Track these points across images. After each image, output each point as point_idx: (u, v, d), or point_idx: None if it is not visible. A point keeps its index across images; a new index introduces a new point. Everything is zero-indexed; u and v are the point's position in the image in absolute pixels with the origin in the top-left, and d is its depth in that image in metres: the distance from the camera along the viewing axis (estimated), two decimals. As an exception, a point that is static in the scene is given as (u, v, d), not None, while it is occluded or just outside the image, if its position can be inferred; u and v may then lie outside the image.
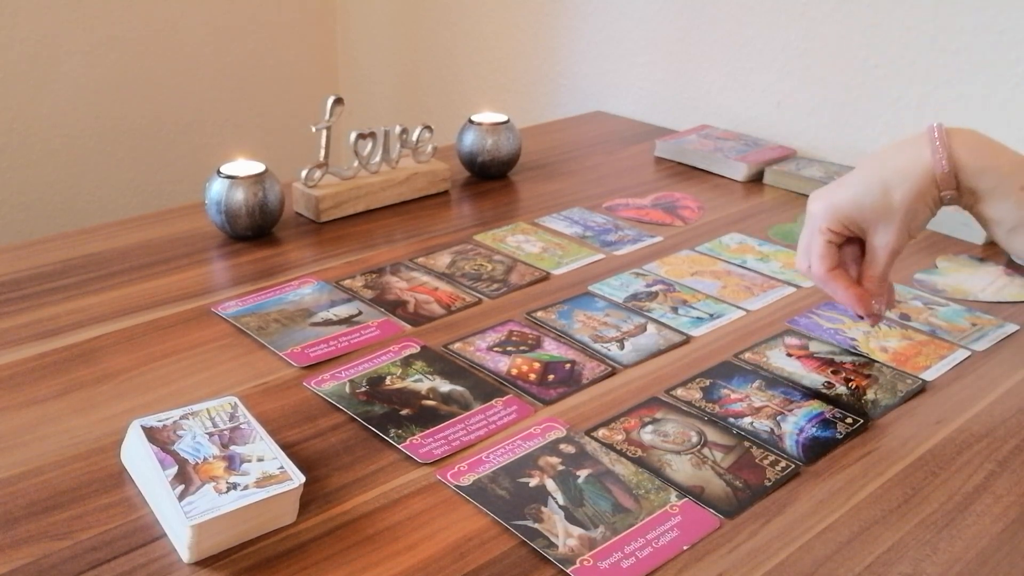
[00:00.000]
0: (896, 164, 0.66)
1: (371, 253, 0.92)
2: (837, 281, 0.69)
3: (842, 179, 0.69)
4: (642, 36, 1.41)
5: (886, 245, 0.67)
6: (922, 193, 0.65)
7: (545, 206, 1.05)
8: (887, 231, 0.67)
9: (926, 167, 0.65)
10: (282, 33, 1.84)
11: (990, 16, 1.05)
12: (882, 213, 0.66)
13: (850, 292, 0.69)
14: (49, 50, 1.56)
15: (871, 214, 0.67)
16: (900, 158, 0.66)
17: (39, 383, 0.69)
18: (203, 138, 1.79)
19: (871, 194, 0.66)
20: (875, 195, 0.66)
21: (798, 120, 1.25)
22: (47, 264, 0.88)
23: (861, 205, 0.67)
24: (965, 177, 0.65)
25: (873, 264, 0.69)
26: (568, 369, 0.72)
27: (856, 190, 0.67)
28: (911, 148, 0.66)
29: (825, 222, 0.68)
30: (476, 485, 0.58)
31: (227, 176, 0.91)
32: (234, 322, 0.77)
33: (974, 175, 0.64)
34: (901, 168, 0.66)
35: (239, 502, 0.52)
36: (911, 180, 0.65)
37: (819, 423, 0.66)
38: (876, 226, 0.67)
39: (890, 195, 0.66)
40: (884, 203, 0.66)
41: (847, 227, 0.68)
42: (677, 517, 0.56)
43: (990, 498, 0.58)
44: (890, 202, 0.66)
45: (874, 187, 0.66)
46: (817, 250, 0.69)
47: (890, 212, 0.66)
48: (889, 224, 0.67)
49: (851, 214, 0.67)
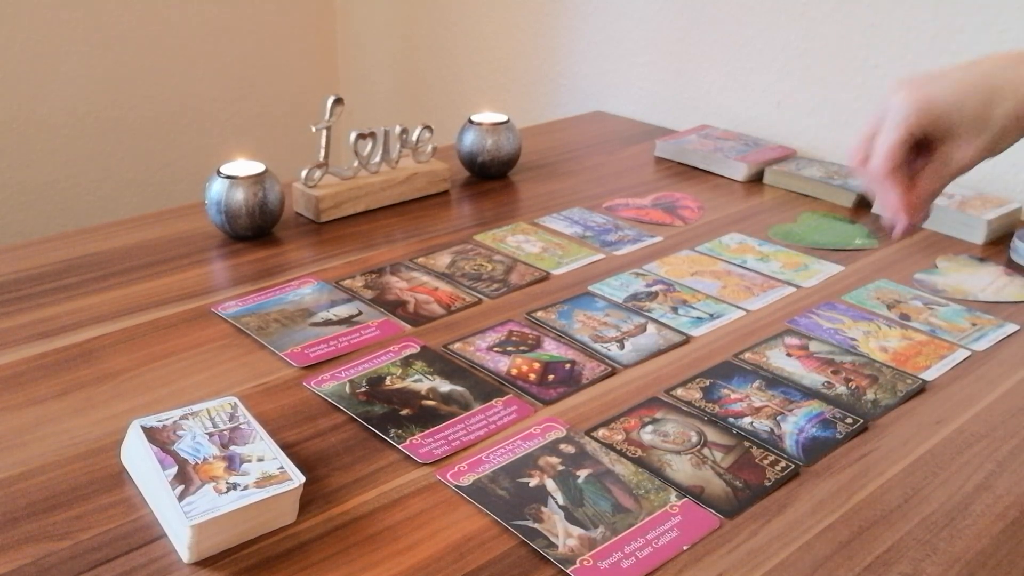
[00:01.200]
0: (1007, 76, 0.59)
1: (371, 253, 0.92)
2: (896, 183, 0.62)
3: (939, 72, 0.62)
4: (642, 36, 1.41)
5: (962, 159, 0.61)
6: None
7: (545, 206, 1.05)
8: (971, 145, 0.60)
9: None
10: (282, 33, 1.84)
11: (990, 16, 1.05)
12: (976, 123, 0.59)
13: (906, 199, 0.62)
14: (49, 50, 1.56)
15: (966, 121, 0.60)
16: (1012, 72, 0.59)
17: (39, 383, 0.69)
18: (203, 138, 1.79)
19: (972, 100, 0.59)
20: (976, 102, 0.59)
21: (798, 120, 1.25)
22: (47, 264, 0.88)
23: (960, 107, 0.59)
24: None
25: (938, 175, 0.62)
26: (568, 369, 0.72)
27: (957, 89, 0.60)
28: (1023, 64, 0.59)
29: (913, 116, 0.60)
30: (476, 485, 0.58)
31: (227, 176, 0.91)
32: (234, 322, 0.77)
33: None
34: (1011, 82, 0.59)
35: (239, 502, 0.52)
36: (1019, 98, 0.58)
37: (819, 423, 0.66)
38: (962, 136, 0.60)
39: (992, 107, 0.59)
40: (983, 114, 0.59)
41: (933, 126, 0.61)
42: (677, 517, 0.56)
43: (990, 498, 0.58)
44: (989, 115, 0.59)
45: (978, 92, 0.59)
46: (889, 144, 0.61)
47: (984, 126, 0.59)
48: (977, 138, 0.60)
49: (944, 114, 0.60)
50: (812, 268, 0.90)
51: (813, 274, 0.89)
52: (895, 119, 0.61)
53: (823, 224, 1.01)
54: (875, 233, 0.99)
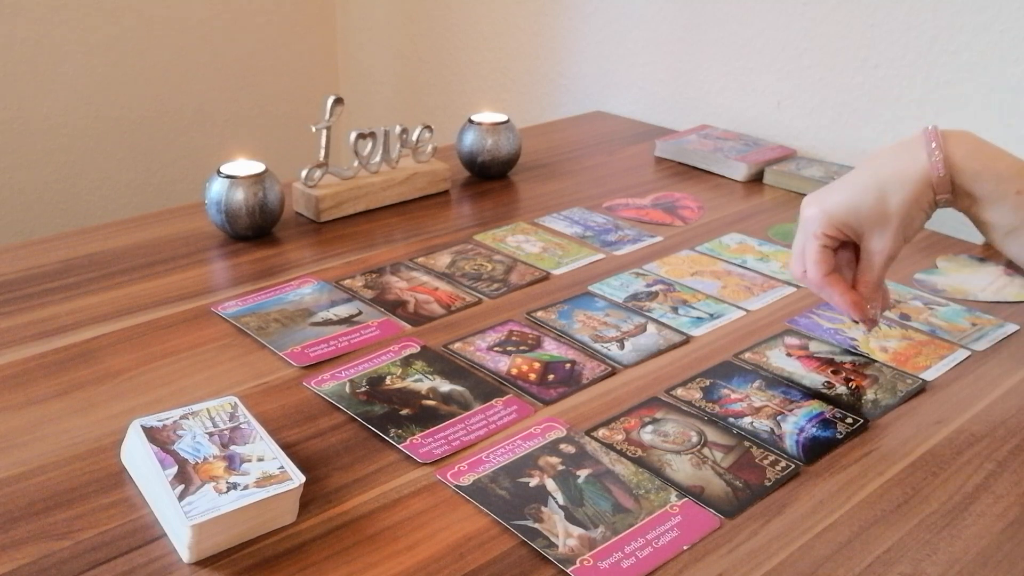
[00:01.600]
0: (891, 169, 0.66)
1: (371, 253, 0.92)
2: (833, 287, 0.68)
3: (836, 183, 0.68)
4: (642, 36, 1.41)
5: (882, 250, 0.67)
6: (918, 198, 0.65)
7: (545, 206, 1.05)
8: (883, 236, 0.66)
9: (922, 172, 0.64)
10: (282, 33, 1.84)
11: (990, 16, 1.05)
12: (878, 218, 0.66)
13: (846, 298, 0.68)
14: (49, 50, 1.56)
15: (866, 219, 0.66)
16: (895, 162, 0.66)
17: (39, 383, 0.69)
18: (203, 138, 1.79)
19: (866, 199, 0.66)
20: (870, 200, 0.65)
21: (798, 120, 1.25)
22: (47, 264, 0.88)
23: (856, 210, 0.66)
24: (961, 181, 0.64)
25: (868, 269, 0.68)
26: (568, 369, 0.72)
27: (851, 195, 0.66)
28: (906, 152, 0.66)
29: (820, 227, 0.67)
30: (476, 485, 0.58)
31: (227, 176, 0.91)
32: (234, 322, 0.77)
33: (970, 179, 0.64)
34: (896, 173, 0.65)
35: (239, 502, 0.52)
36: (907, 185, 0.65)
37: (819, 423, 0.66)
38: (872, 231, 0.66)
39: (886, 200, 0.65)
40: (880, 208, 0.65)
41: (842, 232, 0.67)
42: (677, 517, 0.56)
43: (990, 498, 0.58)
44: (886, 208, 0.65)
45: (869, 192, 0.66)
46: (812, 255, 0.68)
47: (886, 217, 0.66)
48: (885, 229, 0.66)
49: (846, 219, 0.67)
50: (812, 268, 0.90)
51: (813, 274, 0.89)
52: (807, 234, 0.68)
53: (823, 224, 1.01)
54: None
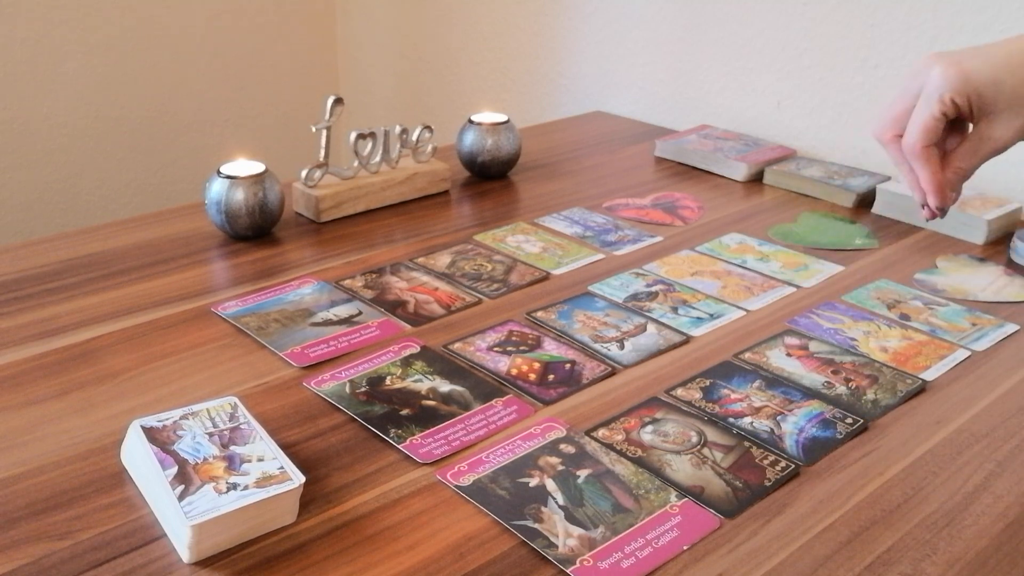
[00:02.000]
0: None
1: (371, 253, 0.92)
2: (928, 161, 0.61)
3: (978, 48, 0.60)
4: (642, 36, 1.41)
5: (999, 138, 0.59)
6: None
7: (545, 206, 1.05)
8: (1009, 123, 0.59)
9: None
10: (282, 33, 1.84)
11: (990, 16, 1.05)
12: (1015, 102, 0.58)
13: (937, 179, 0.61)
14: (49, 50, 1.56)
15: (1003, 98, 0.58)
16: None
17: (39, 383, 0.69)
18: (203, 138, 1.79)
19: (1013, 77, 0.58)
20: (1017, 80, 0.58)
21: (798, 120, 1.25)
22: (47, 264, 0.88)
23: (999, 82, 0.58)
24: None
25: (971, 154, 0.61)
26: (568, 369, 0.72)
27: (996, 66, 0.58)
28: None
29: (950, 91, 0.59)
30: (476, 485, 0.58)
31: (227, 176, 0.91)
32: (234, 322, 0.78)
33: None
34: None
35: (239, 502, 0.52)
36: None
37: (819, 423, 0.66)
38: (1000, 114, 0.59)
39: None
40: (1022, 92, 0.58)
41: (970, 103, 0.59)
42: (677, 517, 0.56)
43: (990, 498, 0.58)
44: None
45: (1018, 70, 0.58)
46: (924, 120, 0.60)
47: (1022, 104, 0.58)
48: (1015, 116, 0.59)
49: (984, 90, 0.58)
50: (812, 268, 0.90)
51: (813, 274, 0.89)
52: (933, 93, 0.59)
53: (823, 224, 1.01)
54: (875, 233, 0.99)
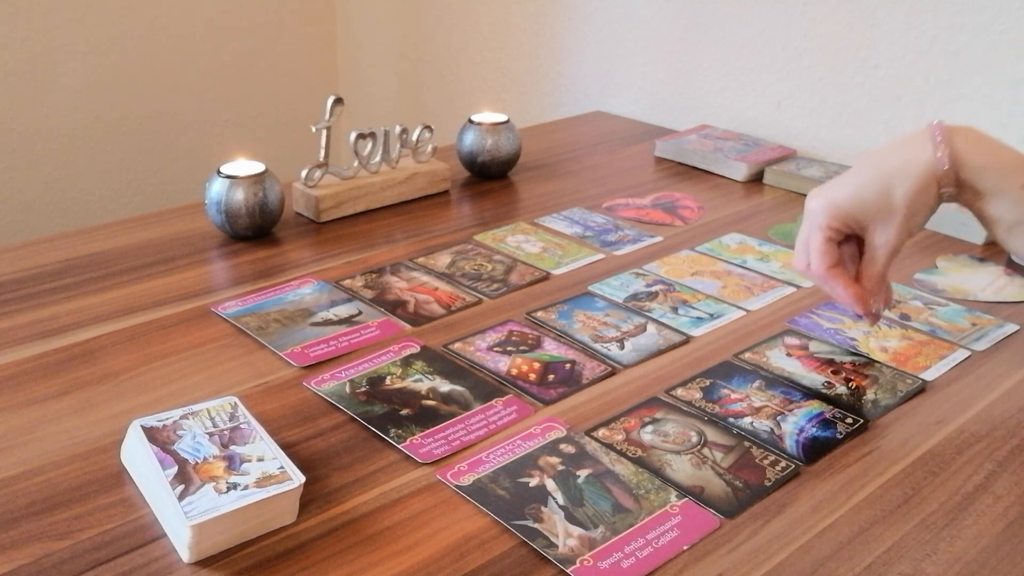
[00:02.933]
0: (896, 162, 0.66)
1: (371, 253, 0.92)
2: (836, 280, 0.68)
3: (841, 176, 0.69)
4: (642, 36, 1.41)
5: (886, 243, 0.67)
6: (923, 191, 0.65)
7: (545, 206, 1.05)
8: (887, 229, 0.67)
9: (927, 165, 0.65)
10: (282, 33, 1.84)
11: (990, 16, 1.05)
12: (883, 211, 0.66)
13: (849, 291, 0.68)
14: (49, 50, 1.56)
15: (872, 212, 0.66)
16: (900, 156, 0.66)
17: (39, 383, 0.69)
18: (203, 138, 1.79)
19: (871, 192, 0.66)
20: (876, 193, 0.66)
21: (798, 120, 1.25)
22: (47, 264, 0.88)
23: (862, 202, 0.66)
24: (966, 174, 0.65)
25: (872, 262, 0.68)
26: (568, 369, 0.72)
27: (856, 187, 0.67)
28: (911, 145, 0.66)
29: (824, 219, 0.68)
30: (476, 485, 0.58)
31: (227, 176, 0.91)
32: (234, 322, 0.78)
33: (975, 173, 0.64)
34: (902, 166, 0.66)
35: (239, 502, 0.52)
36: (912, 178, 0.65)
37: (819, 423, 0.66)
38: (876, 224, 0.67)
39: (891, 193, 0.66)
40: (885, 201, 0.66)
41: (847, 224, 0.68)
42: (677, 517, 0.56)
43: (990, 498, 0.58)
44: (891, 200, 0.66)
45: (874, 185, 0.66)
46: (816, 247, 0.68)
47: (891, 210, 0.66)
48: (889, 222, 0.66)
49: (851, 211, 0.67)
50: (812, 268, 0.90)
51: (813, 274, 0.89)
52: (812, 226, 0.69)
53: (823, 224, 1.01)
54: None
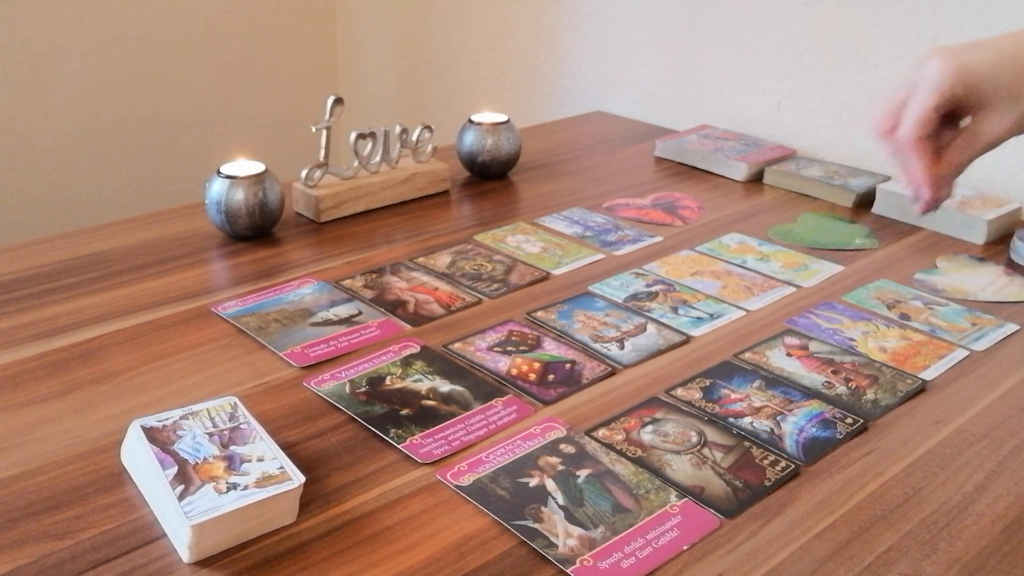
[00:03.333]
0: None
1: (371, 253, 0.92)
2: (923, 153, 0.60)
3: (976, 42, 0.60)
4: (642, 36, 1.41)
5: (994, 131, 0.59)
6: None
7: (545, 206, 1.05)
8: (1004, 116, 0.59)
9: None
10: (282, 33, 1.84)
11: (990, 16, 1.05)
12: (1012, 95, 0.58)
13: (930, 171, 0.60)
14: (49, 50, 1.56)
15: (1001, 91, 0.58)
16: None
17: (39, 383, 0.69)
18: (203, 138, 1.79)
19: (1010, 69, 0.58)
20: (1015, 73, 0.58)
21: (798, 120, 1.25)
22: (47, 264, 0.88)
23: (997, 76, 0.58)
24: None
25: (966, 148, 0.61)
26: (568, 369, 0.72)
27: (996, 60, 0.58)
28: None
29: (947, 83, 0.58)
30: (476, 485, 0.58)
31: (227, 176, 0.91)
32: (234, 322, 0.78)
33: None
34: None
35: (239, 502, 0.52)
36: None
37: (819, 423, 0.66)
38: (995, 107, 0.59)
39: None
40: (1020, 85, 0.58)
41: (967, 95, 0.59)
42: (677, 517, 0.56)
43: (990, 498, 0.58)
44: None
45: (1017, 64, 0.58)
46: (919, 111, 0.60)
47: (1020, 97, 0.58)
48: (1011, 110, 0.58)
49: (981, 83, 0.58)
50: (812, 268, 0.90)
51: (813, 274, 0.89)
52: (929, 85, 0.59)
53: (823, 224, 1.01)
54: (875, 233, 0.99)
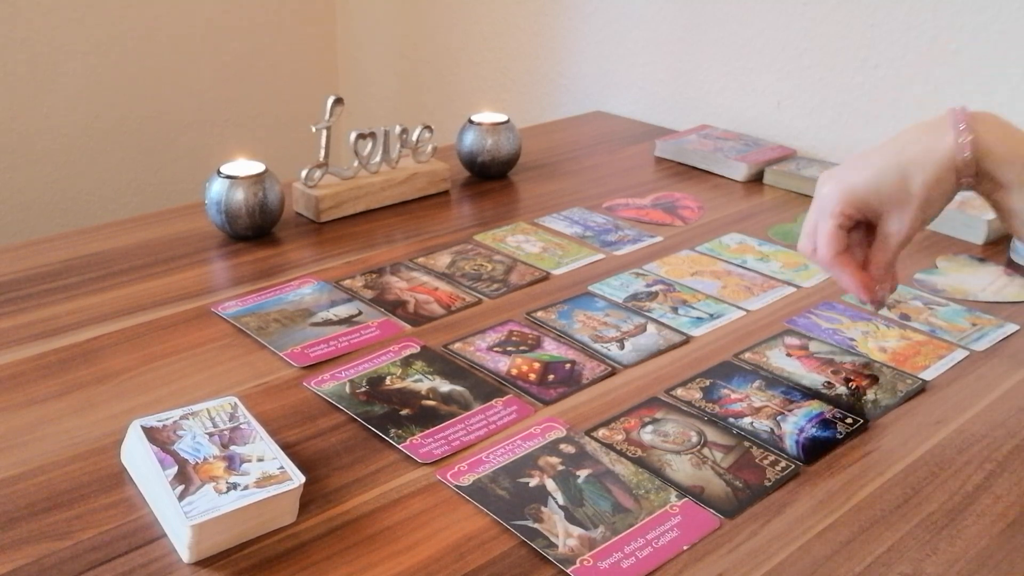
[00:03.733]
0: (915, 149, 0.63)
1: (371, 253, 0.92)
2: (844, 266, 0.66)
3: (855, 161, 0.66)
4: (642, 36, 1.41)
5: (899, 232, 0.65)
6: (941, 180, 0.63)
7: (545, 206, 1.05)
8: (901, 218, 0.64)
9: (947, 153, 0.62)
10: (282, 33, 1.84)
11: (990, 16, 1.05)
12: (898, 199, 0.64)
13: (856, 278, 0.66)
14: (49, 50, 1.56)
15: (887, 199, 0.64)
16: (920, 143, 0.64)
17: (39, 383, 0.69)
18: (203, 138, 1.79)
19: (888, 179, 0.64)
20: (892, 180, 0.63)
21: (798, 120, 1.25)
22: (47, 264, 0.88)
23: (877, 190, 0.64)
24: (987, 165, 0.62)
25: (883, 250, 0.66)
26: (568, 369, 0.72)
27: (872, 174, 0.64)
28: (932, 132, 0.63)
29: (838, 205, 0.65)
30: (476, 485, 0.58)
31: (227, 176, 0.91)
32: (234, 322, 0.78)
33: (996, 164, 0.62)
34: (921, 153, 0.63)
35: (239, 502, 0.52)
36: (931, 166, 0.62)
37: (819, 423, 0.66)
38: (891, 212, 0.65)
39: (908, 181, 0.63)
40: (901, 189, 0.63)
41: (860, 211, 0.65)
42: (677, 517, 0.56)
43: (990, 498, 0.58)
44: (907, 188, 0.63)
45: (891, 172, 0.64)
46: (826, 234, 0.66)
47: (907, 199, 0.64)
48: (904, 211, 0.64)
49: (866, 198, 0.64)
50: (812, 268, 0.90)
51: (813, 274, 0.89)
52: (824, 211, 0.67)
53: (823, 224, 1.01)
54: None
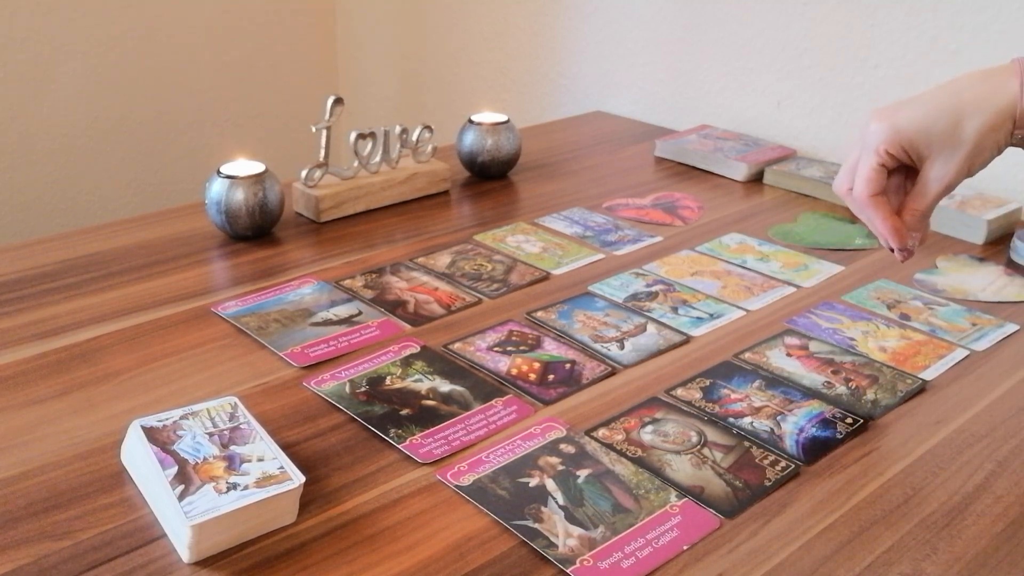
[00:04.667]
0: (974, 93, 0.61)
1: (371, 253, 0.92)
2: (878, 208, 0.64)
3: (909, 99, 0.64)
4: (642, 36, 1.41)
5: (942, 178, 0.62)
6: (996, 128, 0.60)
7: (545, 206, 1.05)
8: (947, 163, 0.62)
9: (1009, 100, 0.59)
10: (282, 33, 1.84)
11: (990, 16, 1.05)
12: (948, 143, 0.61)
13: (888, 223, 0.64)
14: (49, 50, 1.56)
15: (936, 142, 0.61)
16: (980, 88, 0.61)
17: (39, 383, 0.69)
18: (203, 138, 1.79)
19: (941, 120, 0.61)
20: (945, 122, 0.61)
21: (798, 120, 1.25)
22: (47, 264, 0.88)
23: (928, 131, 0.61)
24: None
25: (921, 196, 0.64)
26: (568, 369, 0.72)
27: (925, 113, 0.62)
28: (994, 79, 0.60)
29: (883, 143, 0.62)
30: (476, 485, 0.58)
31: (227, 176, 0.91)
32: (234, 322, 0.78)
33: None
34: (979, 98, 0.60)
35: (239, 502, 0.52)
36: (988, 112, 0.60)
37: (819, 423, 0.66)
38: (937, 156, 0.62)
39: (961, 125, 0.61)
40: (953, 132, 0.61)
41: (906, 152, 0.63)
42: (677, 517, 0.56)
43: (990, 498, 0.58)
44: (959, 132, 0.61)
45: (946, 113, 0.61)
46: (865, 172, 0.63)
47: (957, 143, 0.61)
48: (952, 156, 0.61)
49: (915, 139, 0.62)
50: (812, 268, 0.90)
51: (813, 274, 0.89)
52: (869, 147, 0.63)
53: (823, 224, 1.01)
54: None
